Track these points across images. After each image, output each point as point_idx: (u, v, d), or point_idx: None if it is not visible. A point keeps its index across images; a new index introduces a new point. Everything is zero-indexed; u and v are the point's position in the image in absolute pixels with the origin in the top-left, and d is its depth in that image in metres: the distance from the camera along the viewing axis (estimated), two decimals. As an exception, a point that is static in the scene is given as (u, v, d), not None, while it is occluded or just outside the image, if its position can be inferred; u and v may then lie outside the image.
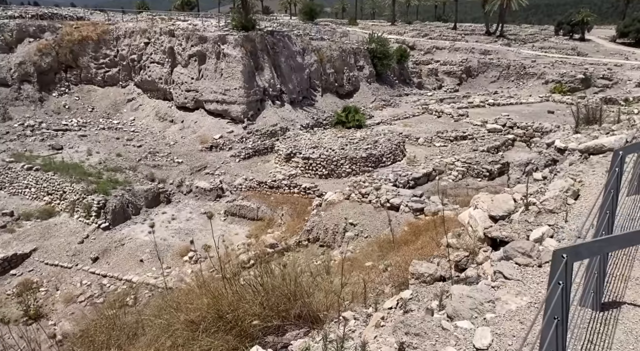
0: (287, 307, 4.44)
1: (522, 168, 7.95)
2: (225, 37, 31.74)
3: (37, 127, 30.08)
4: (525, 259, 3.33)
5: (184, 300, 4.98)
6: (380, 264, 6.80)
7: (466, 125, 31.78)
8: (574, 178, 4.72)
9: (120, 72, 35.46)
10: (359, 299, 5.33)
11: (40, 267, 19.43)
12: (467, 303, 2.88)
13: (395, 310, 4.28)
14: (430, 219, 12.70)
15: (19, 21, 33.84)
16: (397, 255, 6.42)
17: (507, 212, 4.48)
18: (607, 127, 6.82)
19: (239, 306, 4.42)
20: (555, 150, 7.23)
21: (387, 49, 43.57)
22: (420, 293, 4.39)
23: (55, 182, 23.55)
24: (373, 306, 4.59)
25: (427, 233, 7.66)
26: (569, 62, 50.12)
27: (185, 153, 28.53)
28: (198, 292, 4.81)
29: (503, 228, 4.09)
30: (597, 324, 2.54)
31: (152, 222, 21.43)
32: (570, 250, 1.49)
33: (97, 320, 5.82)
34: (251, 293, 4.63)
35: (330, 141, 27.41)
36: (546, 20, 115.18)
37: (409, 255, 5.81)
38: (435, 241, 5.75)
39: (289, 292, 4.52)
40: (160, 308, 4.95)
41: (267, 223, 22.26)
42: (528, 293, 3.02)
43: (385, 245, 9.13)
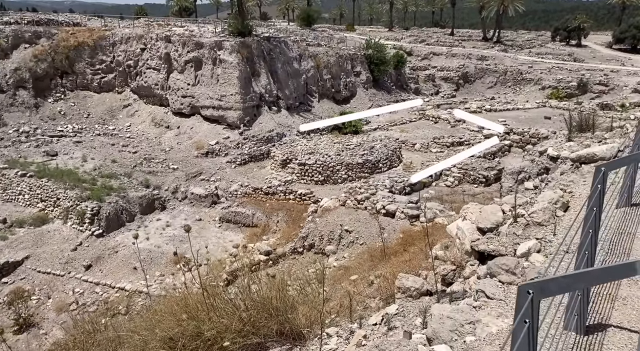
0: (269, 323, 4.30)
1: (515, 177, 7.86)
2: (222, 43, 31.70)
3: (32, 133, 29.93)
4: (509, 277, 3.20)
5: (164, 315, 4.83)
6: (371, 275, 6.66)
7: (463, 130, 31.72)
8: (563, 189, 4.59)
9: (116, 77, 35.37)
10: (345, 313, 5.19)
11: (33, 275, 19.22)
12: (447, 325, 2.74)
13: (380, 326, 4.15)
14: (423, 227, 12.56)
15: (14, 27, 33.78)
16: (386, 266, 6.28)
17: (495, 224, 4.35)
18: (600, 135, 6.72)
19: (218, 323, 4.27)
20: (548, 158, 7.12)
21: (384, 54, 43.58)
22: (406, 309, 4.26)
23: (49, 188, 23.38)
24: (358, 322, 4.46)
25: (419, 242, 7.53)
26: (566, 67, 50.21)
27: (180, 160, 28.40)
28: (176, 308, 4.66)
29: (490, 241, 3.97)
30: (581, 350, 2.40)
31: (135, 233, 21.16)
32: (537, 286, 1.37)
33: (77, 335, 5.66)
34: (231, 308, 4.48)
35: (326, 147, 27.33)
36: (543, 26, 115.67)
37: (397, 266, 5.67)
38: (424, 252, 5.63)
39: (270, 307, 4.38)
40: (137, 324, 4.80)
41: (262, 229, 22.11)
42: (510, 314, 2.89)
43: (377, 254, 8.98)
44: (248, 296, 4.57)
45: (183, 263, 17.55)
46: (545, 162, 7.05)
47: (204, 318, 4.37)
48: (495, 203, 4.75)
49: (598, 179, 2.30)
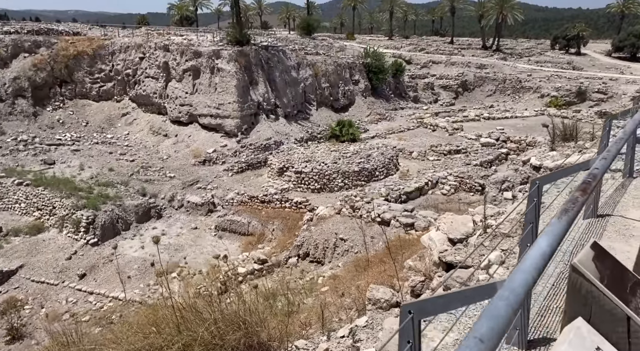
0: (237, 337, 4.25)
1: (499, 186, 7.83)
2: (220, 51, 31.86)
3: (30, 141, 30.03)
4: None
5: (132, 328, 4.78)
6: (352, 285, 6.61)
7: (460, 138, 31.70)
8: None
9: (115, 86, 35.54)
10: (319, 324, 5.13)
11: (26, 284, 19.17)
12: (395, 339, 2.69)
13: (347, 339, 4.10)
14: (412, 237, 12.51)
15: (14, 36, 34.02)
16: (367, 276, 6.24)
17: (465, 235, 4.31)
18: (582, 145, 6.69)
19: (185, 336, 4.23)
20: (531, 168, 7.08)
21: (383, 63, 43.73)
22: (375, 320, 4.20)
23: (45, 197, 23.41)
24: (326, 335, 4.41)
25: (404, 251, 7.49)
26: (565, 76, 50.26)
27: (178, 168, 28.42)
28: (144, 321, 4.62)
29: (458, 252, 3.92)
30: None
31: (115, 243, 21.41)
32: (417, 306, 1.35)
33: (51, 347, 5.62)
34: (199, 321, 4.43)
35: (323, 155, 27.32)
36: (543, 34, 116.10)
37: (374, 277, 5.64)
38: (399, 263, 5.58)
39: (239, 320, 4.33)
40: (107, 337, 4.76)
41: (258, 238, 22.05)
42: (456, 329, 2.84)
43: (362, 263, 8.94)
44: (218, 309, 4.52)
45: (156, 275, 17.59)
46: (528, 171, 7.02)
47: (171, 331, 4.33)
48: (468, 213, 4.73)
49: (533, 192, 2.27)
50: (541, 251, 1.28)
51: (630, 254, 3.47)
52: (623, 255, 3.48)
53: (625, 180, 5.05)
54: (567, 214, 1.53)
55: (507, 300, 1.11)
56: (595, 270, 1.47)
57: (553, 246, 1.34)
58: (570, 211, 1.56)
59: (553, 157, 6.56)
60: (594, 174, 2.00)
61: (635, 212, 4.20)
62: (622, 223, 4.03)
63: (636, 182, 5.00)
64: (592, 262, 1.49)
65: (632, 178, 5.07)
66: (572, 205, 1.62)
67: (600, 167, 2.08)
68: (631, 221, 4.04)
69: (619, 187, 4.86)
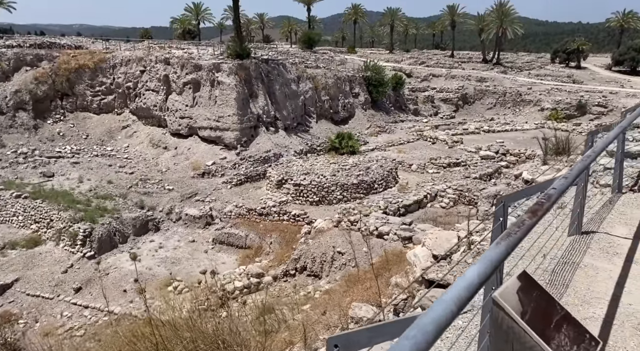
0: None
1: (491, 200, 7.73)
2: (220, 65, 32.04)
3: (30, 154, 30.09)
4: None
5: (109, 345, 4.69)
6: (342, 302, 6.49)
7: (460, 151, 31.65)
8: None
9: (116, 99, 35.72)
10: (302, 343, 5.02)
11: (22, 298, 19.02)
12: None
13: (326, 358, 3.97)
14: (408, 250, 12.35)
15: (16, 50, 34.32)
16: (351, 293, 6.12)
17: (449, 251, 4.21)
18: (573, 159, 6.62)
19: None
20: (523, 182, 7.00)
21: (383, 76, 43.93)
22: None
23: (43, 209, 23.35)
24: (307, 354, 4.30)
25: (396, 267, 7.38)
26: (565, 89, 50.35)
27: (176, 180, 28.39)
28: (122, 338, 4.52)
29: (440, 269, 3.83)
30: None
31: (99, 258, 21.17)
32: (343, 339, 1.26)
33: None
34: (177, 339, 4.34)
35: (322, 167, 27.27)
36: (544, 48, 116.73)
37: (359, 294, 5.53)
38: (385, 279, 5.48)
39: (217, 338, 4.24)
40: None
41: (255, 251, 21.90)
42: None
43: (353, 279, 8.81)
44: (197, 327, 4.43)
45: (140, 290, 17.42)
46: (520, 185, 6.93)
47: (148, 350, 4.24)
48: (454, 229, 4.64)
49: (499, 211, 2.19)
50: (467, 282, 1.18)
51: (613, 273, 3.37)
52: (605, 273, 3.39)
53: (613, 195, 4.96)
54: (508, 239, 1.44)
55: (413, 339, 1.01)
56: (518, 303, 1.38)
57: (484, 276, 1.24)
58: (513, 236, 1.47)
59: (544, 171, 6.48)
60: (549, 195, 1.90)
61: (621, 229, 4.11)
62: (607, 240, 3.93)
63: (624, 198, 4.91)
64: (517, 294, 1.40)
65: (621, 194, 4.98)
66: (517, 229, 1.52)
67: (558, 187, 1.99)
68: (616, 238, 3.94)
69: (607, 203, 4.77)
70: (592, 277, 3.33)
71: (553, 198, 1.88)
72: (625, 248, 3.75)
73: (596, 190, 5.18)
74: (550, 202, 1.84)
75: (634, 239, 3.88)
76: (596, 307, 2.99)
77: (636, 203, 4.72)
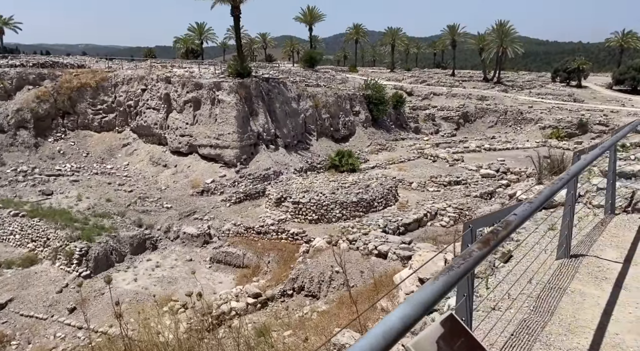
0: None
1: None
2: (220, 83, 32.23)
3: (29, 172, 30.09)
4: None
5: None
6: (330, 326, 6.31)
7: (461, 169, 31.49)
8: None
9: (117, 117, 35.89)
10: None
11: (15, 318, 18.74)
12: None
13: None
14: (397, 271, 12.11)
15: (19, 69, 34.67)
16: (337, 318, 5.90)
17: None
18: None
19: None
20: (517, 202, 6.82)
21: (383, 94, 44.10)
22: (337, 369, 3.90)
23: (39, 228, 23.20)
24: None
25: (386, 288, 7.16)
26: (566, 107, 50.40)
27: (175, 198, 28.26)
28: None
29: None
30: None
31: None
32: None
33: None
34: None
35: (321, 185, 27.11)
36: (545, 67, 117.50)
37: (345, 318, 5.32)
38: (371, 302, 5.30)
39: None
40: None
41: (253, 270, 21.61)
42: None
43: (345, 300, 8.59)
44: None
45: (117, 314, 17.07)
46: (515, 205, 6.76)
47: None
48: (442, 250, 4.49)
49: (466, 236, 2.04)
50: (386, 327, 1.03)
51: (600, 300, 3.19)
52: (592, 300, 3.21)
53: (606, 216, 4.78)
54: (447, 274, 1.29)
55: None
56: (438, 352, 1.22)
57: (409, 320, 1.09)
58: (455, 269, 1.32)
59: (539, 190, 6.33)
60: (508, 222, 1.75)
61: (612, 252, 3.93)
62: (596, 264, 3.76)
63: (617, 219, 4.73)
64: (436, 343, 1.25)
65: (614, 215, 4.80)
66: (461, 262, 1.37)
67: (520, 213, 1.84)
68: (606, 262, 3.76)
69: (598, 225, 4.58)
70: (579, 304, 3.16)
71: (511, 226, 1.73)
72: (615, 273, 3.57)
73: (589, 210, 5.01)
74: (508, 230, 1.69)
75: (624, 263, 3.70)
76: (581, 337, 2.81)
77: (628, 225, 4.54)
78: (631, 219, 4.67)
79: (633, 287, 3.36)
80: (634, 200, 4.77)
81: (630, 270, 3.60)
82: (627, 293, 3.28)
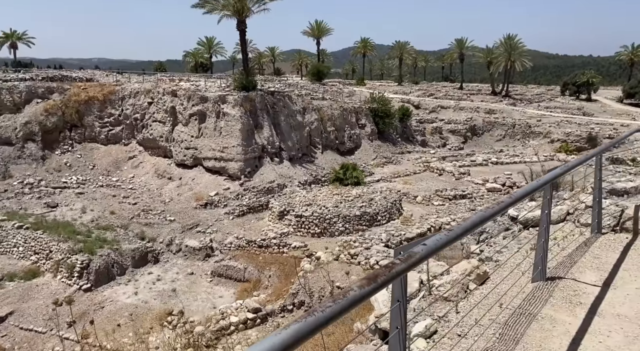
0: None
1: (477, 237, 7.38)
2: (225, 97, 32.39)
3: (36, 184, 30.30)
4: None
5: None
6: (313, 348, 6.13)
7: (467, 183, 31.17)
8: (485, 258, 4.10)
9: (123, 130, 36.17)
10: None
11: (14, 332, 18.67)
12: None
13: None
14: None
15: (28, 83, 35.15)
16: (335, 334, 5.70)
17: (408, 296, 3.84)
18: (560, 195, 6.24)
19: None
20: (509, 218, 6.64)
21: (389, 108, 44.04)
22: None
23: (42, 241, 23.25)
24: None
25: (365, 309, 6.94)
26: (575, 121, 49.90)
27: (179, 211, 28.23)
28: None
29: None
30: None
31: (69, 298, 20.30)
32: None
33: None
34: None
35: (325, 198, 26.92)
36: (555, 80, 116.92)
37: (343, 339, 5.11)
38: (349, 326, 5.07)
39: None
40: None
41: (254, 285, 21.39)
42: None
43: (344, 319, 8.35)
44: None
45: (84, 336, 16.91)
46: (506, 222, 6.57)
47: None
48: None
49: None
50: None
51: (571, 327, 2.97)
52: (563, 327, 2.99)
53: (591, 236, 4.54)
54: (305, 321, 1.08)
55: None
56: None
57: None
58: (316, 315, 1.13)
59: (531, 207, 6.12)
60: (411, 254, 1.57)
61: (591, 275, 3.69)
62: (572, 288, 3.52)
63: (602, 239, 4.47)
64: None
65: (600, 235, 4.56)
66: (329, 305, 1.17)
67: (430, 244, 1.64)
68: (584, 285, 3.53)
69: (582, 245, 4.34)
70: (548, 331, 2.94)
71: (413, 260, 1.54)
72: (591, 298, 3.35)
73: (576, 229, 4.78)
74: (408, 264, 1.50)
75: (603, 287, 3.48)
76: None
77: (613, 246, 4.29)
78: (617, 239, 4.43)
79: (608, 313, 3.14)
80: (623, 218, 4.55)
81: (608, 294, 3.38)
82: (600, 320, 3.06)
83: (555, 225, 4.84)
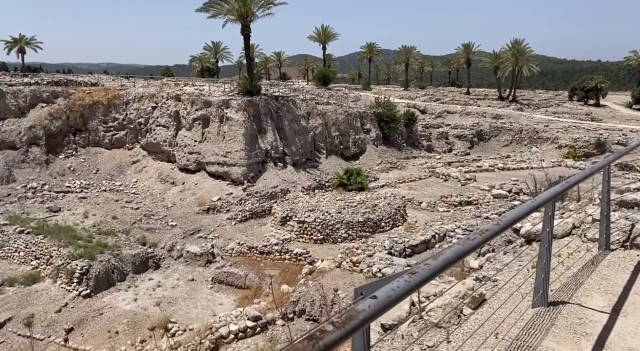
0: None
1: (477, 250, 7.07)
2: (229, 101, 32.22)
3: (39, 189, 30.24)
4: None
5: None
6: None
7: (473, 189, 30.71)
8: (482, 278, 3.76)
9: (127, 134, 36.10)
10: None
11: (12, 338, 18.46)
12: None
13: None
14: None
15: (33, 87, 35.20)
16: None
17: (397, 320, 3.49)
18: (566, 206, 5.89)
19: None
20: (512, 231, 6.29)
21: (394, 112, 43.70)
22: None
23: (43, 245, 23.08)
24: None
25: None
26: (583, 126, 49.28)
27: (181, 216, 28.01)
28: None
29: (382, 344, 3.14)
30: None
31: (57, 308, 19.12)
32: None
33: None
34: None
35: (328, 204, 26.59)
36: (563, 85, 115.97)
37: None
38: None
39: None
40: None
41: (254, 292, 21.07)
42: None
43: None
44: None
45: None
46: (509, 234, 6.22)
47: None
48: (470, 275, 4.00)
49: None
50: None
51: (575, 365, 2.63)
52: (565, 364, 2.65)
53: (599, 253, 4.17)
54: None
55: None
56: None
57: None
58: None
59: (534, 219, 5.77)
60: (352, 313, 1.23)
61: (599, 299, 3.33)
62: (578, 314, 3.16)
63: (611, 257, 4.09)
64: None
65: (608, 251, 4.18)
66: None
67: (382, 296, 1.32)
68: (590, 312, 3.17)
69: (589, 263, 3.96)
70: None
71: (366, 314, 1.18)
72: (599, 327, 2.99)
73: (582, 244, 4.42)
74: (345, 331, 1.15)
75: (612, 313, 3.11)
76: None
77: (623, 265, 3.91)
78: (628, 257, 4.05)
79: (618, 347, 2.79)
80: (633, 233, 4.19)
81: (617, 323, 3.02)
82: None
83: (560, 240, 4.48)
